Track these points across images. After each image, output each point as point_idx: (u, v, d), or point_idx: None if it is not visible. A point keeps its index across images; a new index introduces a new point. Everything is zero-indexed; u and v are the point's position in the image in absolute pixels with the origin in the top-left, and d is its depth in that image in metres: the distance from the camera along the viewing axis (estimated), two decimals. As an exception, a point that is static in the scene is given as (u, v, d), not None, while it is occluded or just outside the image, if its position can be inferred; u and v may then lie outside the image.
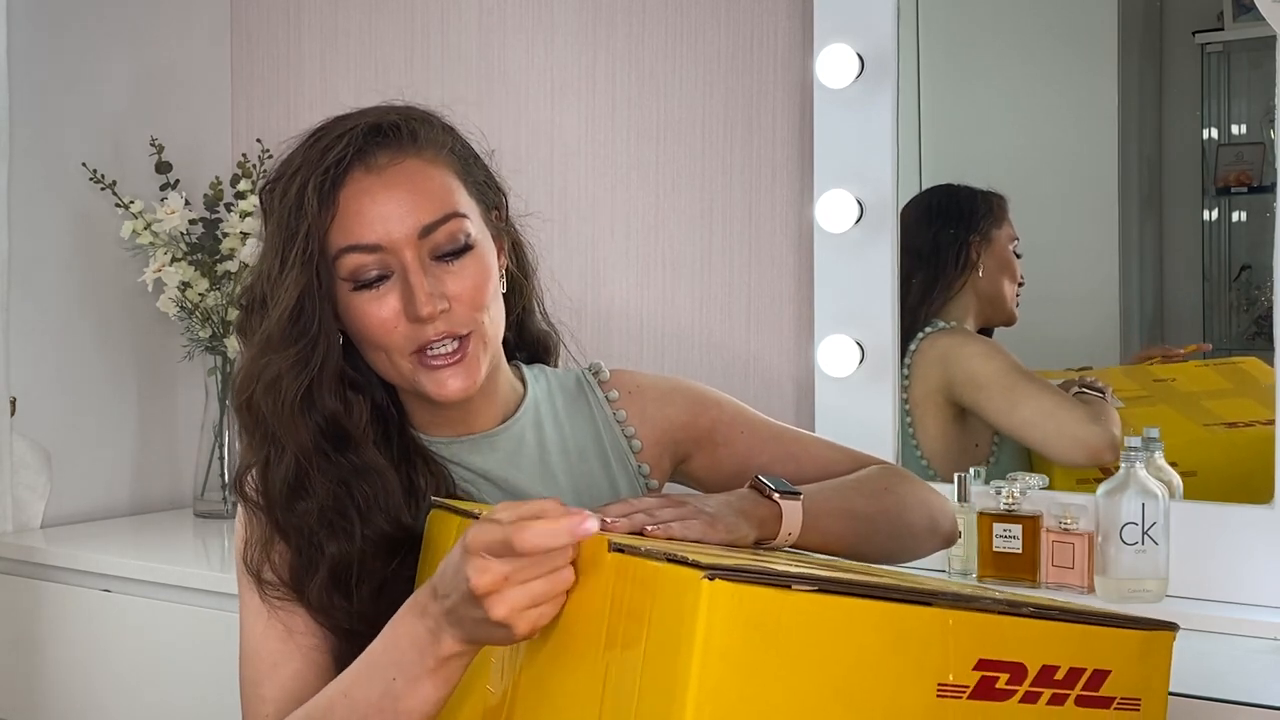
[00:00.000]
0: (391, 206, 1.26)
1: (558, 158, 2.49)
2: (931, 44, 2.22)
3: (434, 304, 1.25)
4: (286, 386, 1.26)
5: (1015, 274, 2.16)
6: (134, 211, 2.55)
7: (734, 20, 2.32)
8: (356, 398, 1.30)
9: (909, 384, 2.17)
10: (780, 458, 1.41)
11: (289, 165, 1.30)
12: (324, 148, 1.28)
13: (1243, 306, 2.07)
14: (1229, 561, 1.87)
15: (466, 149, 1.37)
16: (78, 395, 2.60)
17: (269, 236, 1.30)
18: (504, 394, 1.39)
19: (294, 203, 1.26)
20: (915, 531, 1.38)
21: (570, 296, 2.47)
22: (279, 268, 1.27)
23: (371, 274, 1.27)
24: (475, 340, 1.29)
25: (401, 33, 2.66)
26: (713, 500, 1.21)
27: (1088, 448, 2.03)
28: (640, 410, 1.42)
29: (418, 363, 1.28)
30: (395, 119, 1.31)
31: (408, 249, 1.26)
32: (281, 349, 1.26)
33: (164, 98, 2.76)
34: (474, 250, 1.29)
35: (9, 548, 2.41)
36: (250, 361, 1.29)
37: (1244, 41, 2.03)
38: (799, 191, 2.26)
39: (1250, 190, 2.05)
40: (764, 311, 2.30)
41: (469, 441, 1.37)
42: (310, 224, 1.25)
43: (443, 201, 1.28)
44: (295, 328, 1.26)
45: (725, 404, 1.45)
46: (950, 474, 2.03)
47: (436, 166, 1.30)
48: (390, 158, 1.28)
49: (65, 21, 2.61)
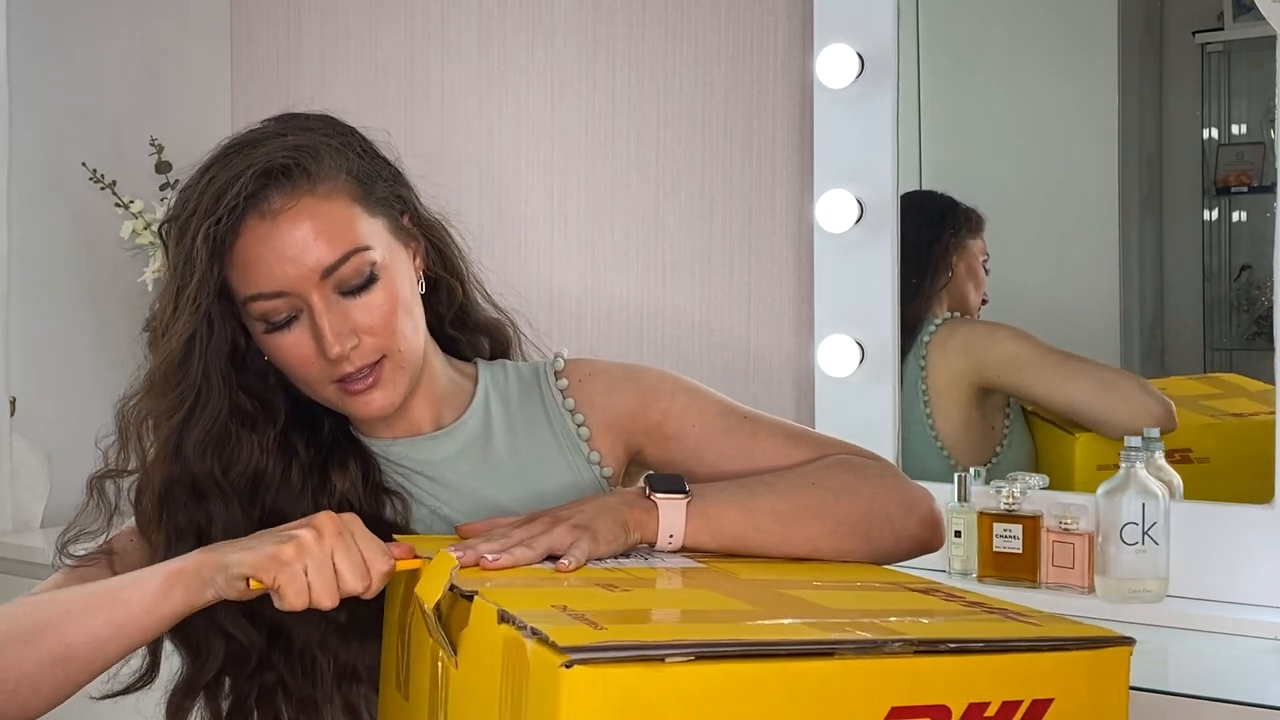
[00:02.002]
0: (291, 251, 1.24)
1: (558, 158, 2.49)
2: (931, 44, 2.22)
3: (343, 342, 1.25)
4: (159, 432, 1.28)
5: (981, 285, 2.19)
6: (134, 211, 2.55)
7: (734, 20, 2.32)
8: (249, 435, 1.30)
9: (926, 375, 2.17)
10: (730, 452, 1.35)
11: (183, 205, 1.29)
12: (216, 192, 1.25)
13: (1243, 306, 2.07)
14: (1229, 561, 1.87)
15: (366, 163, 1.32)
16: (78, 395, 2.60)
17: (167, 275, 1.31)
18: (446, 394, 1.38)
19: (186, 250, 1.25)
20: (862, 528, 1.27)
21: (570, 296, 2.47)
22: (171, 311, 1.28)
23: (282, 316, 1.26)
24: (389, 364, 1.29)
25: (401, 33, 2.66)
26: (588, 506, 1.20)
27: (1154, 415, 2.03)
28: (589, 398, 1.39)
29: (340, 390, 1.29)
30: (283, 160, 1.26)
31: (312, 290, 1.25)
32: (162, 393, 1.28)
33: (164, 97, 2.76)
34: (379, 280, 1.28)
35: (9, 548, 2.41)
36: (140, 395, 1.31)
37: (1244, 41, 2.03)
38: (799, 191, 2.26)
39: (1250, 190, 2.05)
40: (764, 311, 2.30)
41: (410, 442, 1.37)
42: (201, 275, 1.24)
43: (342, 238, 1.26)
44: (178, 373, 1.27)
45: (679, 394, 1.39)
46: (969, 461, 2.04)
47: (332, 200, 1.26)
48: (284, 200, 1.25)
49: (65, 21, 2.61)
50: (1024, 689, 0.92)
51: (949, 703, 0.89)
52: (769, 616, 0.97)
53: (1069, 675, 0.94)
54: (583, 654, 0.82)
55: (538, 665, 0.85)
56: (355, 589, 1.10)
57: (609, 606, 0.97)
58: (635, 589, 1.05)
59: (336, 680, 1.29)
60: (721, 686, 0.84)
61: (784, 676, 0.86)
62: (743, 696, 0.85)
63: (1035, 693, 0.92)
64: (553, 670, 0.82)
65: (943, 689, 0.89)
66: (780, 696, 0.85)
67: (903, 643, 0.89)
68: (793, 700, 0.86)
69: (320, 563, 1.10)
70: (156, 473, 1.29)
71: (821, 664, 0.87)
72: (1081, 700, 0.94)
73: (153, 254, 2.55)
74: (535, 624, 0.87)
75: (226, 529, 1.28)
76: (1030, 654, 0.93)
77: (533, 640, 0.86)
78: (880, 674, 0.88)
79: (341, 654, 1.28)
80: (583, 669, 0.82)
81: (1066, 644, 0.94)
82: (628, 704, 0.82)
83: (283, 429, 1.33)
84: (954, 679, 0.90)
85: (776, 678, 0.85)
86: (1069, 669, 0.94)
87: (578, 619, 0.90)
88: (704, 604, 1.02)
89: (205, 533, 1.28)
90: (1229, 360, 2.11)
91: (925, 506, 1.32)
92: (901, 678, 0.89)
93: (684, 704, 0.83)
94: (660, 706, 0.83)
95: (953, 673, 0.90)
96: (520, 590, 1.03)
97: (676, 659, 0.83)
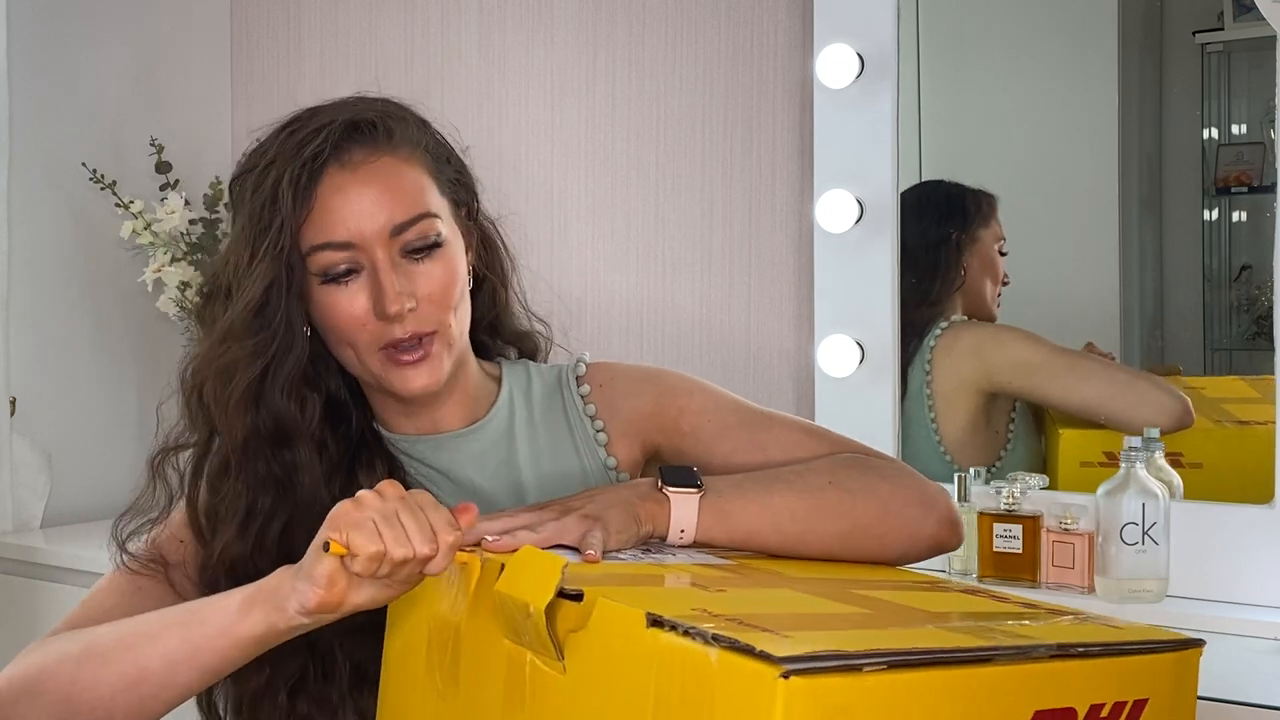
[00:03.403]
0: (365, 204, 1.26)
1: (558, 158, 2.49)
2: (931, 44, 2.22)
3: (402, 302, 1.25)
4: (239, 378, 1.26)
5: (998, 274, 2.17)
6: (134, 211, 2.55)
7: (734, 20, 2.32)
8: (311, 395, 1.30)
9: (931, 379, 2.17)
10: (746, 447, 1.34)
11: (262, 157, 1.30)
12: (300, 141, 1.27)
13: (1243, 306, 2.07)
14: (1229, 561, 1.87)
15: (440, 146, 1.36)
16: (78, 395, 2.60)
17: (239, 228, 1.30)
18: (473, 394, 1.38)
19: (268, 196, 1.26)
20: (879, 530, 1.24)
21: (570, 296, 2.47)
22: (248, 259, 1.26)
23: (341, 269, 1.26)
24: (439, 340, 1.29)
25: (401, 33, 2.66)
26: (600, 497, 1.19)
27: (1172, 412, 2.04)
28: (609, 402, 1.39)
29: (386, 359, 1.28)
30: (372, 116, 1.29)
31: (379, 247, 1.26)
32: (241, 339, 1.26)
33: (164, 98, 2.76)
34: (443, 249, 1.29)
35: (9, 548, 2.41)
36: (209, 348, 1.28)
37: (1244, 41, 2.03)
38: (799, 191, 2.26)
39: (1250, 190, 2.05)
40: (764, 311, 2.31)
41: (433, 441, 1.36)
42: (284, 219, 1.24)
43: (415, 201, 1.28)
44: (258, 320, 1.26)
45: (696, 393, 1.38)
46: (972, 465, 2.04)
47: (410, 165, 1.29)
48: (365, 155, 1.27)
49: (65, 21, 2.61)
50: (1129, 690, 0.97)
51: (1075, 704, 0.94)
52: (893, 623, 0.98)
53: (1161, 676, 1.00)
54: (799, 664, 0.81)
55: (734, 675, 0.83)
56: (424, 551, 1.06)
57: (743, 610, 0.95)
58: (729, 589, 1.04)
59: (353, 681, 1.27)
60: (908, 694, 0.86)
61: (957, 682, 0.88)
62: (926, 704, 0.87)
63: (1136, 693, 0.97)
64: (767, 681, 0.81)
65: (1072, 691, 0.94)
66: (954, 702, 0.88)
67: (1046, 648, 0.93)
68: (961, 706, 0.88)
69: (387, 517, 1.07)
70: (237, 420, 1.26)
71: (986, 670, 0.89)
72: (1168, 699, 1.00)
73: (152, 254, 2.55)
74: (713, 630, 0.85)
75: (311, 477, 1.27)
76: (1135, 657, 0.98)
77: (718, 648, 0.84)
78: (1029, 679, 0.91)
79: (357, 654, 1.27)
80: (800, 680, 0.81)
81: (1159, 647, 1.00)
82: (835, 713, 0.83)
83: (322, 412, 1.32)
84: (1080, 681, 0.94)
85: (950, 683, 0.88)
86: (1161, 670, 1.00)
87: (742, 625, 0.88)
88: (809, 607, 1.02)
89: (285, 484, 1.27)
90: (1229, 360, 2.12)
91: (943, 505, 1.28)
92: (1044, 681, 0.92)
93: (880, 713, 0.85)
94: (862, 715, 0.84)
95: (1080, 675, 0.94)
96: (629, 590, 1.01)
97: (873, 668, 0.84)
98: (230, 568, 1.27)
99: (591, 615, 0.95)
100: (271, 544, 1.27)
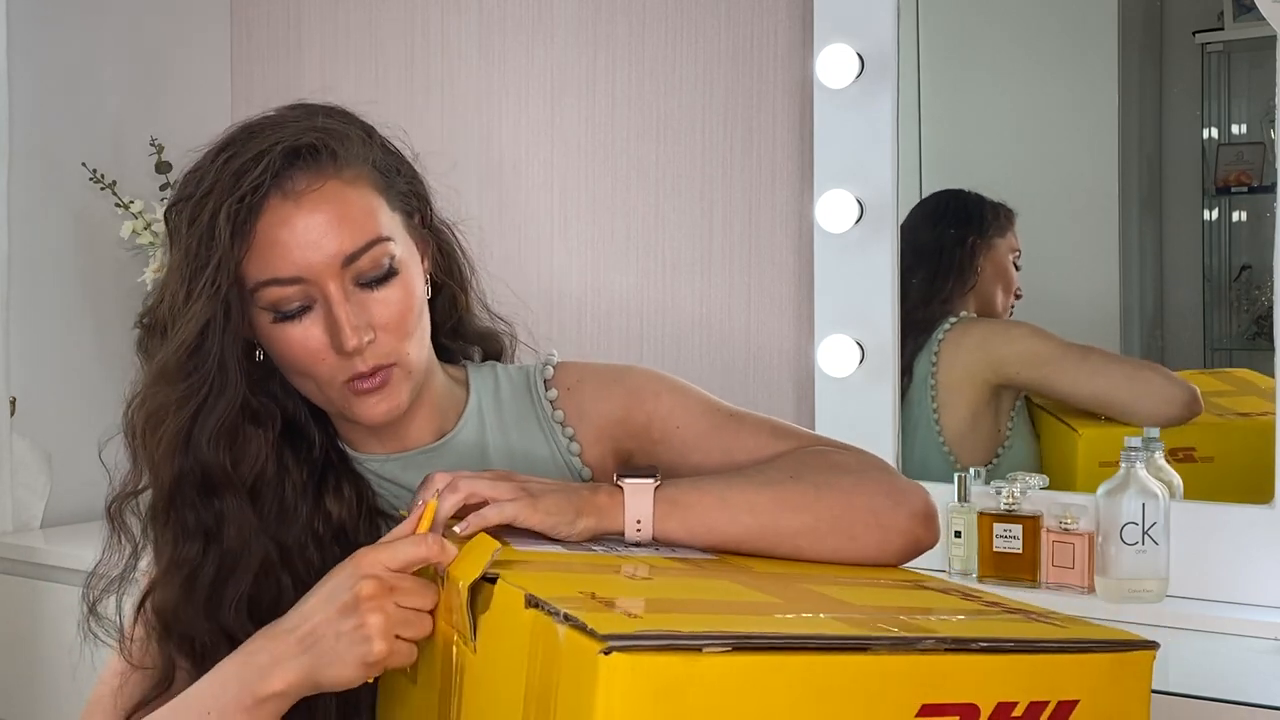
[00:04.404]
0: (312, 235, 1.19)
1: (558, 158, 2.49)
2: (931, 44, 2.22)
3: (360, 335, 1.20)
4: (168, 423, 1.21)
5: (1011, 283, 2.18)
6: (134, 211, 2.55)
7: (734, 20, 2.32)
8: (256, 432, 1.25)
9: (937, 369, 2.18)
10: (713, 451, 1.30)
11: (198, 185, 1.22)
12: (237, 171, 1.19)
13: (1243, 306, 2.07)
14: (1229, 561, 1.87)
15: (387, 156, 1.29)
16: (78, 395, 2.60)
17: (175, 261, 1.23)
18: (440, 405, 1.34)
19: (204, 230, 1.19)
20: (844, 523, 1.20)
21: (570, 296, 2.47)
22: (184, 297, 1.20)
23: (294, 306, 1.21)
24: (398, 370, 1.24)
25: (401, 33, 2.66)
26: (550, 483, 1.17)
27: (1180, 402, 2.05)
28: (578, 408, 1.35)
29: (347, 390, 1.23)
30: (312, 139, 1.21)
31: (330, 279, 1.19)
32: (174, 382, 1.21)
33: (164, 98, 2.76)
34: (398, 276, 1.23)
35: (9, 548, 2.41)
36: (144, 389, 1.24)
37: (1244, 41, 2.03)
38: (799, 191, 2.26)
39: (1250, 190, 2.05)
40: (764, 311, 2.31)
41: (402, 459, 1.32)
42: (221, 256, 1.18)
43: (365, 226, 1.21)
44: (191, 361, 1.20)
45: (665, 395, 1.34)
46: (971, 461, 2.05)
47: (357, 187, 1.22)
48: (309, 182, 1.19)
49: (64, 22, 2.61)
50: (1051, 689, 0.92)
51: (978, 701, 0.90)
52: (796, 610, 0.96)
53: (1095, 677, 0.94)
54: (622, 641, 0.81)
55: (572, 651, 0.84)
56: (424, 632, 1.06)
57: (637, 594, 0.96)
58: (657, 577, 1.04)
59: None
60: (757, 678, 0.84)
61: (819, 670, 0.86)
62: (777, 689, 0.84)
63: (1062, 694, 0.92)
64: (590, 657, 0.81)
65: (973, 687, 0.90)
66: (814, 690, 0.85)
67: (935, 640, 0.89)
68: (826, 694, 0.86)
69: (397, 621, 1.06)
70: (165, 467, 1.22)
71: (856, 659, 0.87)
72: (1106, 702, 0.94)
73: (152, 254, 2.55)
74: (569, 610, 0.86)
75: (239, 529, 1.23)
76: (1058, 655, 0.93)
77: (566, 626, 0.85)
78: (913, 671, 0.88)
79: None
80: (621, 656, 0.81)
81: (1093, 646, 0.95)
82: (664, 693, 0.82)
83: (277, 440, 1.27)
84: (984, 678, 0.90)
85: (811, 671, 0.85)
86: (1095, 671, 0.94)
87: (608, 606, 0.89)
88: (729, 595, 1.01)
89: (214, 533, 1.23)
90: (1229, 360, 2.12)
91: (915, 498, 1.23)
92: (933, 675, 0.89)
93: (720, 694, 0.83)
94: (696, 696, 0.83)
95: (984, 671, 0.90)
96: (544, 575, 1.01)
97: (714, 649, 0.83)
98: (159, 615, 1.25)
99: (494, 598, 0.97)
100: (201, 595, 1.23)
